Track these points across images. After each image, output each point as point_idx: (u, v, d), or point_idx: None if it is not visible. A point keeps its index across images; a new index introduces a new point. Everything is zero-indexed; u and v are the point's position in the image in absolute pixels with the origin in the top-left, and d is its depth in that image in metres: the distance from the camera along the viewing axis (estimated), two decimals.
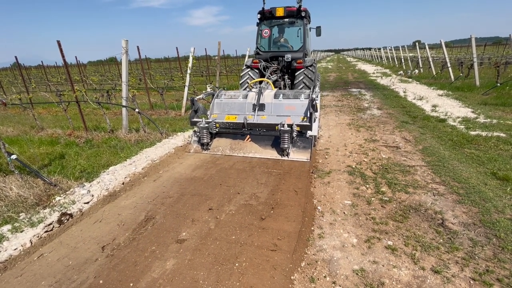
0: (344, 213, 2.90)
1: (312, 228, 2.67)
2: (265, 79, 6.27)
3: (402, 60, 21.21)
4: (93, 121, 7.98)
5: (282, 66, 7.73)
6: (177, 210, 3.00)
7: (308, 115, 4.45)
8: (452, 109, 7.18)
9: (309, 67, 7.17)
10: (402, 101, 8.68)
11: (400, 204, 3.00)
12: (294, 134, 4.34)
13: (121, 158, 4.74)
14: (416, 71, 15.88)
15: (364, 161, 4.19)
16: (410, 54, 22.14)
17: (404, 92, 10.25)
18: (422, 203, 3.00)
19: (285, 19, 7.55)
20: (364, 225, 2.68)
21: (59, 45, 5.73)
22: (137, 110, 5.87)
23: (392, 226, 2.65)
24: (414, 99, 8.87)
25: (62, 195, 3.46)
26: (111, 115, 8.95)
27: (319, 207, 3.02)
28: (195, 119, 4.93)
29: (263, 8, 7.48)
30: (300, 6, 7.13)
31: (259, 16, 7.61)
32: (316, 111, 4.64)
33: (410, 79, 13.94)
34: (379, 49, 31.72)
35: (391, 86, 12.00)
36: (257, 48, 7.99)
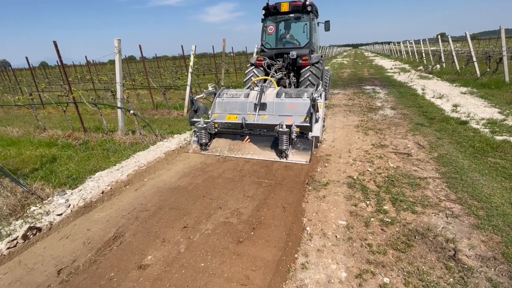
0: (336, 236, 2.50)
1: (296, 256, 2.30)
2: (269, 77, 5.94)
3: (423, 54, 19.92)
4: (96, 121, 7.94)
5: (287, 64, 7.32)
6: (149, 227, 2.72)
7: (310, 116, 4.14)
8: (476, 109, 6.45)
9: (315, 64, 6.73)
10: (419, 99, 7.97)
11: (404, 228, 2.55)
12: (294, 135, 4.09)
13: (111, 163, 4.55)
14: (438, 66, 14.77)
15: (368, 171, 3.73)
16: (432, 48, 20.75)
17: (423, 89, 9.47)
18: (432, 227, 2.54)
19: (291, 14, 7.12)
20: (357, 254, 2.27)
21: (56, 45, 5.64)
22: (132, 111, 5.69)
23: (392, 257, 2.22)
24: (433, 97, 8.13)
25: (38, 204, 3.30)
26: (115, 115, 8.90)
27: (308, 228, 2.64)
28: (194, 119, 4.81)
29: (267, 4, 7.10)
30: (305, 0, 6.66)
31: (263, 12, 7.26)
32: (317, 111, 4.32)
33: (430, 75, 12.97)
34: (399, 43, 30.14)
35: (408, 83, 11.17)
36: (262, 45, 7.64)
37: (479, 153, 4.01)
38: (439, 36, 15.57)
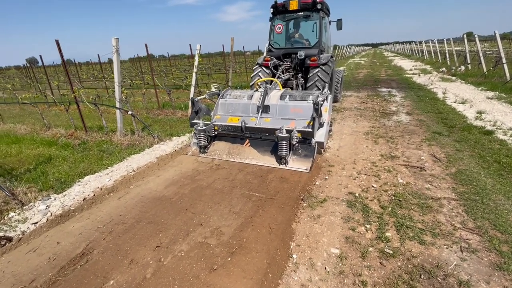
0: (325, 268, 2.15)
1: None
2: (274, 79, 5.66)
3: (447, 54, 18.72)
4: (102, 120, 7.92)
5: (295, 64, 6.97)
6: (121, 244, 2.49)
7: (312, 121, 3.91)
8: (504, 117, 5.79)
9: (324, 65, 6.34)
10: (439, 104, 7.33)
11: (408, 262, 2.16)
12: (295, 140, 3.86)
13: (103, 166, 4.40)
14: (462, 67, 13.76)
15: (372, 187, 3.32)
16: (457, 48, 19.48)
17: (444, 93, 8.76)
18: (442, 263, 2.13)
19: (300, 13, 6.76)
20: None
21: (58, 44, 5.58)
22: (130, 112, 5.54)
23: None
24: (455, 102, 7.46)
25: (18, 210, 3.17)
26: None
27: (294, 255, 2.30)
28: (194, 121, 4.67)
29: (275, 2, 6.78)
30: None
31: (271, 10, 6.96)
32: (321, 116, 4.06)
33: (453, 77, 12.08)
34: (421, 42, 28.67)
35: (428, 86, 10.43)
36: (269, 44, 7.33)
37: (505, 170, 3.49)
38: (464, 35, 14.51)
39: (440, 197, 3.03)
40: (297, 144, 4.02)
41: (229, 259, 2.23)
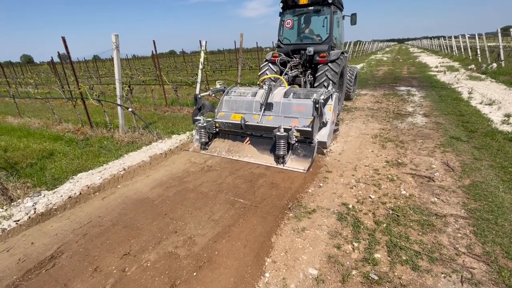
0: None
1: None
2: (279, 76, 5.44)
3: (478, 51, 17.27)
4: (109, 116, 8.03)
5: (304, 60, 6.64)
6: (91, 249, 2.41)
7: (313, 119, 3.71)
8: None
9: (333, 62, 5.98)
10: (462, 105, 6.69)
11: None
12: (293, 140, 3.72)
13: (98, 163, 4.39)
14: (494, 65, 12.58)
15: (370, 198, 3.01)
16: (490, 44, 17.91)
17: (469, 93, 8.00)
18: None
19: (310, 7, 6.43)
20: None
21: (64, 41, 5.67)
22: (130, 109, 5.53)
23: None
24: (480, 103, 6.77)
25: (5, 206, 3.19)
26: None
27: (267, 274, 2.08)
28: (196, 117, 4.66)
29: None
30: None
31: (281, 5, 6.69)
32: (322, 115, 3.88)
33: (483, 76, 11.06)
34: (450, 37, 26.78)
35: (453, 85, 9.61)
36: (278, 40, 7.05)
37: None
38: (499, 30, 13.25)
39: (447, 213, 2.66)
40: (296, 144, 3.92)
41: (194, 274, 2.06)
